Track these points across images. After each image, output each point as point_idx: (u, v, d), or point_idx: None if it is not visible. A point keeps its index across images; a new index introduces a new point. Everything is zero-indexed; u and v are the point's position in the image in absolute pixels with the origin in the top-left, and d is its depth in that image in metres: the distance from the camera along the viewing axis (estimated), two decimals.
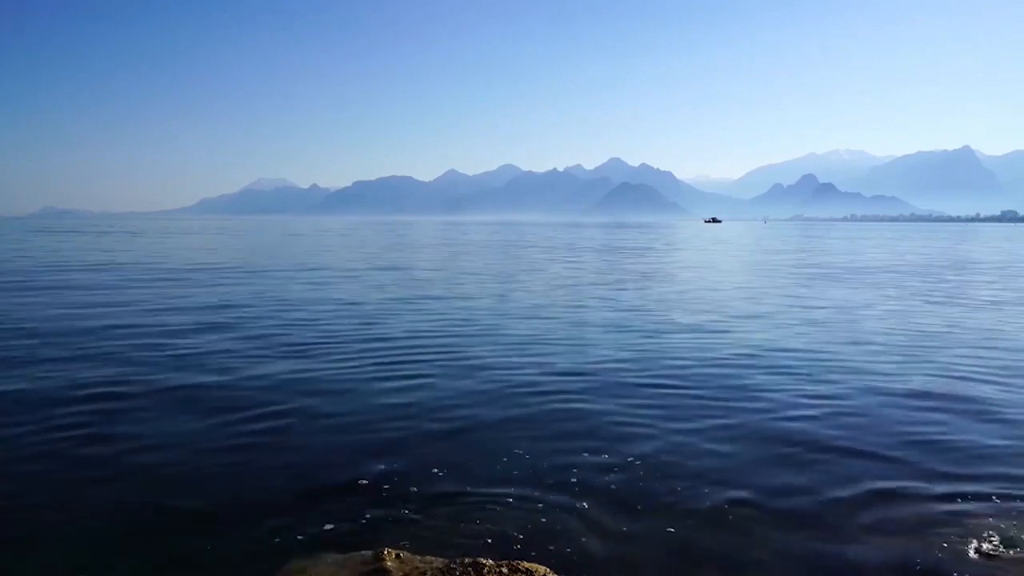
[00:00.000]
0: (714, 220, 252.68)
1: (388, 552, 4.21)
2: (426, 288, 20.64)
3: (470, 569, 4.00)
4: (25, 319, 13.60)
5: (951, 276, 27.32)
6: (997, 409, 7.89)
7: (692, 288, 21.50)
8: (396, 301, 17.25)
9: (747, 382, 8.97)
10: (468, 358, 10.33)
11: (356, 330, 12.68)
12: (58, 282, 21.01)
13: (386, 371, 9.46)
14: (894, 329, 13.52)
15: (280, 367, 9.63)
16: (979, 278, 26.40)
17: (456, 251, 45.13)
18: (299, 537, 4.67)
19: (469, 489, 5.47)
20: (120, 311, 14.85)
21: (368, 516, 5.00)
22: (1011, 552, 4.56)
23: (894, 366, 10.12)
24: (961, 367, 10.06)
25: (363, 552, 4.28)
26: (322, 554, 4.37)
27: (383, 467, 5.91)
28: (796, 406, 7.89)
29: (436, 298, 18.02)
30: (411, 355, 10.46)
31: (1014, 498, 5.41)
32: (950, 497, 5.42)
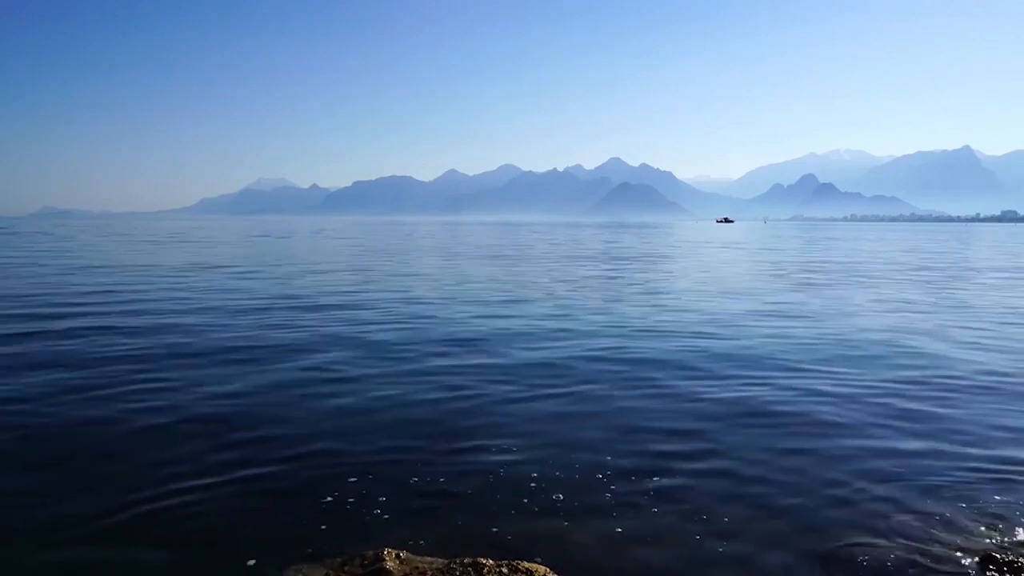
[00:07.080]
0: (726, 220, 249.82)
1: (388, 552, 4.20)
2: None
3: (470, 569, 4.00)
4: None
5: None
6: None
7: None
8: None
9: None
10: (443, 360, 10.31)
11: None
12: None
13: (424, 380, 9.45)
14: None
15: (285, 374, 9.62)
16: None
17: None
18: (299, 536, 4.66)
19: (470, 489, 5.47)
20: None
21: (368, 516, 4.99)
22: None
23: None
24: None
25: (363, 552, 4.27)
26: (322, 554, 4.36)
27: (384, 466, 5.90)
28: None
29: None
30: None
31: None
32: None
